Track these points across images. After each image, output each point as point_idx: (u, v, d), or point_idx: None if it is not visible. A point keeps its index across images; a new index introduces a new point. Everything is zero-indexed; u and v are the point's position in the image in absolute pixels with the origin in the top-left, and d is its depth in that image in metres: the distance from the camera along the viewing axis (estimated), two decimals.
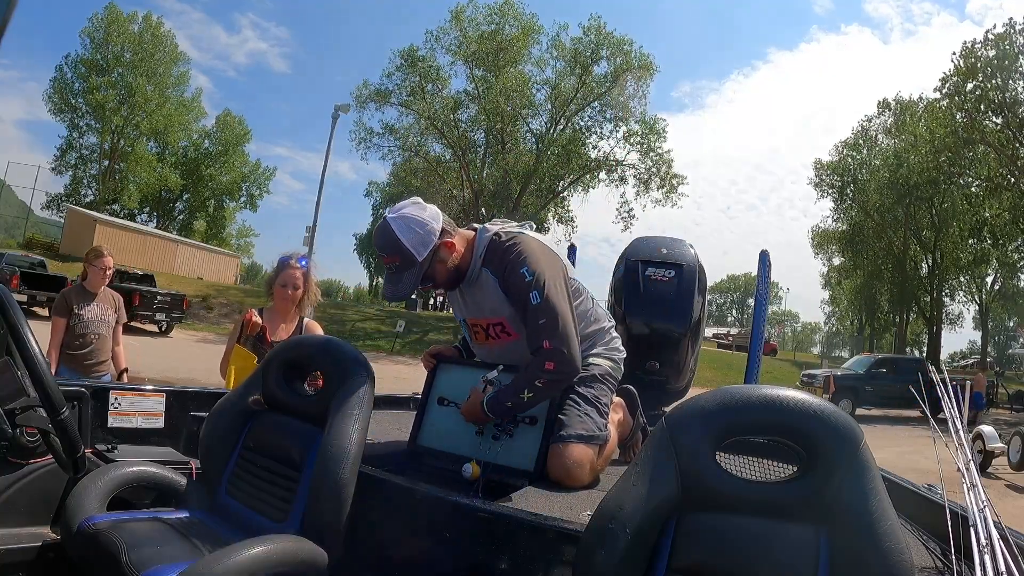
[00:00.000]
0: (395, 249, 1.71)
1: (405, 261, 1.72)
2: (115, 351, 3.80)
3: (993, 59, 23.23)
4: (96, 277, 3.64)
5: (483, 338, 1.92)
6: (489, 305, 1.84)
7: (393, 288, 1.76)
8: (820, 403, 1.04)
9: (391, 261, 1.73)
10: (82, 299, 3.62)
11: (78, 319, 3.57)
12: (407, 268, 1.73)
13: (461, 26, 26.86)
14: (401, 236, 1.70)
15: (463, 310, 1.95)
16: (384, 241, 1.72)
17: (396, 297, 1.79)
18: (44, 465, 1.58)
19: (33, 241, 27.83)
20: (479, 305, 1.87)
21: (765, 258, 2.69)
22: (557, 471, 1.69)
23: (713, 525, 1.02)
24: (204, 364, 10.15)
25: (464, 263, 1.82)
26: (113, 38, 32.63)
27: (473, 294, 1.87)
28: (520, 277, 1.72)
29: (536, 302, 1.70)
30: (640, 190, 27.92)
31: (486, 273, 1.81)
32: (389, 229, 1.71)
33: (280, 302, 2.72)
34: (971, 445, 1.66)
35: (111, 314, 3.74)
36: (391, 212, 1.75)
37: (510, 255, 1.76)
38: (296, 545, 1.30)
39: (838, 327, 50.40)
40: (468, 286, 1.86)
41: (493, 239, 1.82)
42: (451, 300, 2.00)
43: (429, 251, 1.73)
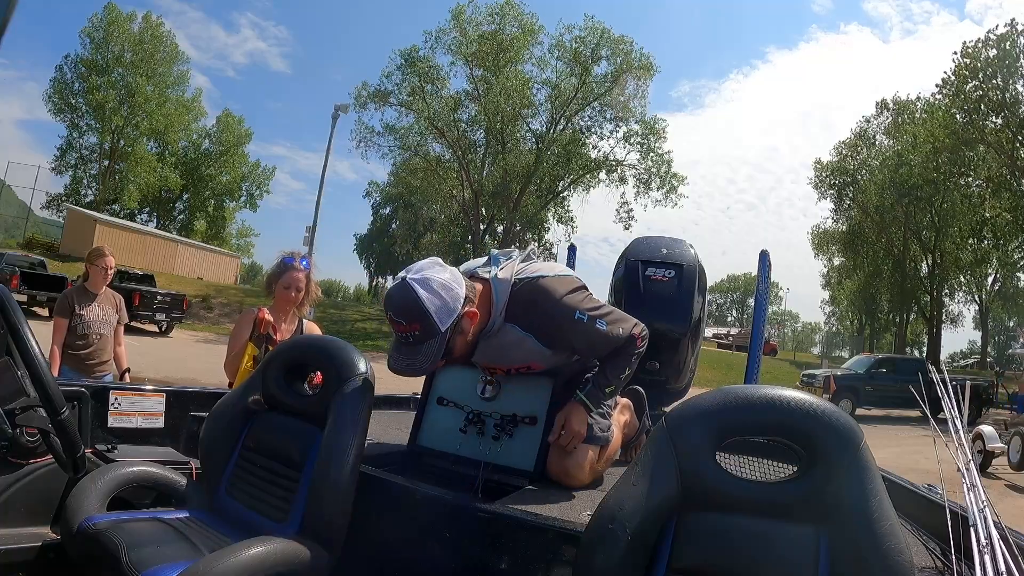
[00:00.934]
0: (418, 316, 1.49)
1: (426, 331, 1.51)
2: (117, 351, 3.81)
3: (993, 59, 23.23)
4: (98, 277, 3.65)
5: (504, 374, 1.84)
6: (515, 355, 1.73)
7: (408, 361, 1.54)
8: (820, 403, 1.04)
9: (409, 330, 1.51)
10: (84, 299, 3.62)
11: (80, 319, 3.57)
12: (427, 339, 1.52)
13: (461, 26, 26.86)
14: (426, 302, 1.50)
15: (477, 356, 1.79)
16: (405, 306, 1.50)
17: (410, 372, 1.57)
18: (44, 465, 1.58)
19: (33, 241, 27.83)
20: (501, 355, 1.75)
21: (765, 258, 2.69)
22: (556, 471, 1.68)
23: (713, 525, 1.02)
24: (204, 364, 10.17)
25: (482, 325, 1.64)
26: (113, 38, 32.62)
27: (492, 347, 1.71)
28: (573, 322, 1.63)
29: (603, 328, 1.65)
30: (640, 190, 27.95)
31: (511, 328, 1.67)
32: (412, 293, 1.49)
33: (282, 303, 2.72)
34: (971, 445, 1.66)
35: (113, 314, 3.75)
36: (412, 273, 1.53)
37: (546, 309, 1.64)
38: (296, 545, 1.30)
39: (838, 327, 50.37)
40: (485, 341, 1.69)
41: (514, 290, 1.65)
42: None
43: (452, 321, 1.53)
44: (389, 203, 46.91)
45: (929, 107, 27.06)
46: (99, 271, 3.64)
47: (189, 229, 38.57)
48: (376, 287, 58.20)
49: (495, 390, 1.81)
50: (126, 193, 34.26)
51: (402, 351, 1.54)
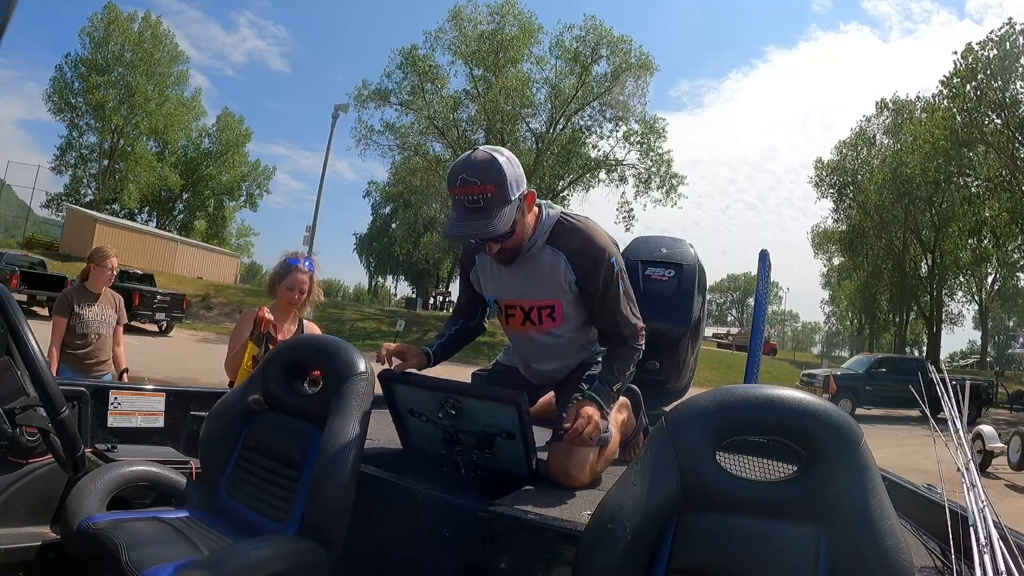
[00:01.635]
0: (494, 176, 1.50)
1: (499, 195, 1.51)
2: (116, 351, 3.80)
3: (993, 60, 23.23)
4: (101, 277, 3.64)
5: (519, 323, 1.81)
6: (544, 286, 1.73)
7: (477, 225, 1.52)
8: (820, 403, 1.04)
9: (482, 191, 1.50)
10: (84, 299, 3.61)
11: (79, 319, 3.57)
12: (498, 205, 1.51)
13: (460, 26, 26.87)
14: (503, 164, 1.51)
15: (502, 289, 1.81)
16: (482, 166, 1.51)
17: (480, 235, 1.54)
18: (44, 464, 1.58)
19: (33, 241, 27.84)
20: (531, 284, 1.74)
21: (765, 258, 2.69)
22: (556, 470, 1.68)
23: (713, 525, 1.02)
24: (204, 364, 10.16)
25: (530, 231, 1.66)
26: (113, 37, 32.62)
27: (524, 272, 1.73)
28: (609, 266, 1.67)
29: (623, 288, 1.70)
30: (640, 190, 27.96)
31: (550, 251, 1.69)
32: (489, 156, 1.52)
33: (284, 304, 2.71)
34: (971, 445, 1.66)
35: (112, 314, 3.74)
36: (484, 146, 1.58)
37: (589, 239, 1.68)
38: (296, 545, 1.31)
39: (838, 327, 50.42)
40: (519, 263, 1.71)
41: (561, 218, 1.70)
42: (484, 277, 1.84)
43: (520, 194, 1.56)
44: (389, 203, 46.95)
45: (929, 107, 27.06)
46: (104, 271, 3.63)
47: (189, 229, 38.57)
48: (376, 286, 58.25)
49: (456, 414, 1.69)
50: (126, 193, 34.26)
51: (470, 218, 1.53)
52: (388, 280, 57.45)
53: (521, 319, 1.81)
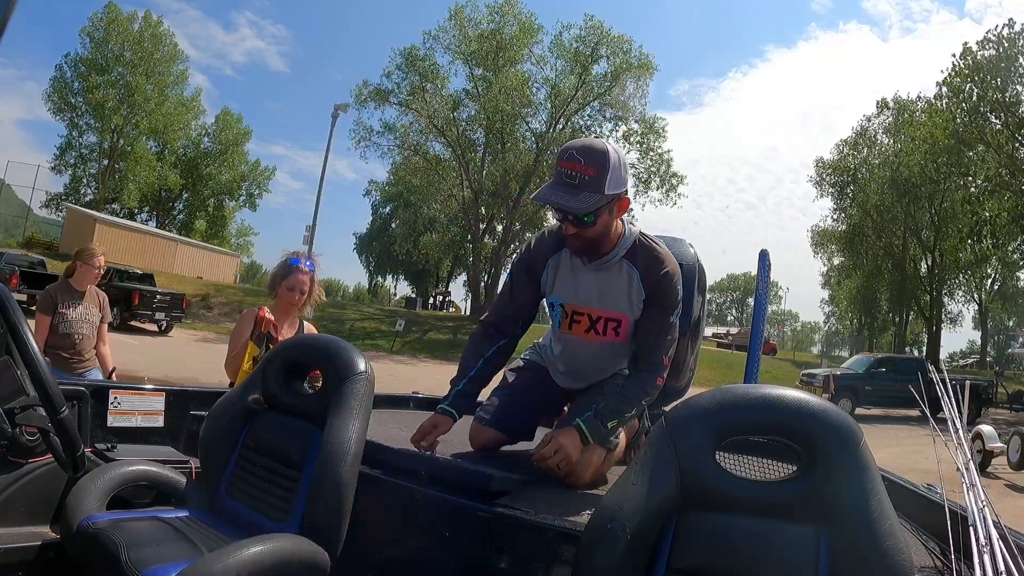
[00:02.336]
0: (598, 162, 1.54)
1: (595, 181, 1.54)
2: (101, 350, 3.72)
3: (993, 59, 23.23)
4: (87, 276, 3.57)
5: (583, 330, 1.79)
6: (615, 299, 1.74)
7: (564, 197, 1.56)
8: (820, 403, 1.04)
9: (583, 171, 1.54)
10: (68, 298, 3.54)
11: (62, 318, 3.50)
12: (592, 189, 1.55)
13: (461, 25, 26.86)
14: (612, 156, 1.56)
15: (572, 293, 1.78)
16: (592, 151, 1.56)
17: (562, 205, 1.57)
18: (43, 464, 1.58)
19: (33, 240, 27.85)
20: (602, 294, 1.74)
21: (765, 257, 2.68)
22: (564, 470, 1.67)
23: (713, 525, 1.02)
24: (204, 363, 10.17)
25: (612, 241, 1.69)
26: (113, 37, 32.61)
27: (598, 280, 1.74)
28: (674, 291, 1.69)
29: (673, 320, 1.70)
30: (640, 189, 27.96)
31: (627, 265, 1.70)
32: (603, 146, 1.58)
33: (284, 304, 2.71)
34: (970, 445, 1.66)
35: (96, 313, 3.67)
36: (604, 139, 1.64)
37: (665, 262, 1.69)
38: (296, 545, 1.30)
39: (838, 327, 50.40)
40: (595, 269, 1.72)
41: (640, 237, 1.72)
42: (557, 279, 1.80)
43: (615, 194, 1.59)
44: (389, 202, 46.95)
45: (929, 107, 27.06)
46: (90, 270, 3.56)
47: (189, 228, 38.57)
48: (376, 286, 58.24)
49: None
50: (126, 192, 34.26)
51: (560, 188, 1.57)
52: (388, 280, 57.50)
53: (586, 327, 1.79)
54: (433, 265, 41.78)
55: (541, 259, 1.81)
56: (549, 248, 1.80)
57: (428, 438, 1.72)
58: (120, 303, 15.96)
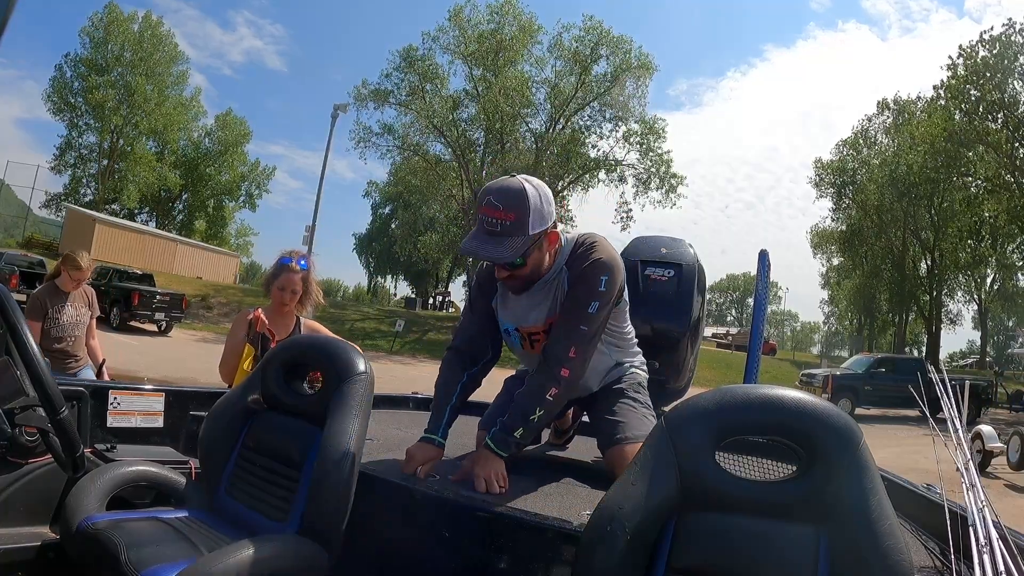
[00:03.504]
0: (516, 206, 1.52)
1: (518, 224, 1.53)
2: (90, 344, 3.73)
3: (992, 59, 23.25)
4: (69, 283, 3.57)
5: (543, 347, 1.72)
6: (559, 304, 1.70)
7: (489, 248, 1.54)
8: (819, 403, 1.04)
9: (503, 217, 1.52)
10: (56, 300, 3.54)
11: (53, 323, 3.50)
12: (515, 233, 1.53)
13: (460, 25, 26.87)
14: (530, 196, 1.54)
15: (521, 316, 1.75)
16: (508, 195, 1.53)
17: (488, 257, 1.57)
18: (43, 464, 1.58)
19: (32, 240, 27.85)
20: (549, 309, 1.71)
21: (764, 257, 2.68)
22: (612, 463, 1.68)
23: (713, 525, 1.02)
24: (203, 364, 10.16)
25: (547, 268, 1.67)
26: (113, 37, 32.63)
27: (541, 296, 1.71)
28: (596, 282, 1.62)
29: (592, 311, 1.60)
30: (639, 190, 27.98)
31: (564, 273, 1.68)
32: (520, 186, 1.55)
33: (277, 305, 2.69)
34: (970, 445, 1.66)
35: (86, 312, 3.67)
36: (524, 176, 1.59)
37: (590, 256, 1.64)
38: (296, 545, 1.31)
39: (837, 327, 50.43)
40: (540, 288, 1.69)
41: (577, 240, 1.70)
42: (503, 304, 1.79)
43: (540, 231, 1.57)
44: (388, 202, 46.98)
45: (928, 107, 27.09)
46: (71, 282, 3.56)
47: (188, 229, 38.57)
48: (375, 286, 58.24)
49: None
50: (125, 192, 34.27)
51: (484, 238, 1.56)
52: (388, 280, 57.53)
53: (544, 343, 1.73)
54: (433, 265, 41.77)
55: (490, 282, 1.80)
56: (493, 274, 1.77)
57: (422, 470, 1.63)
58: (120, 303, 15.98)
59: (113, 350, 3.87)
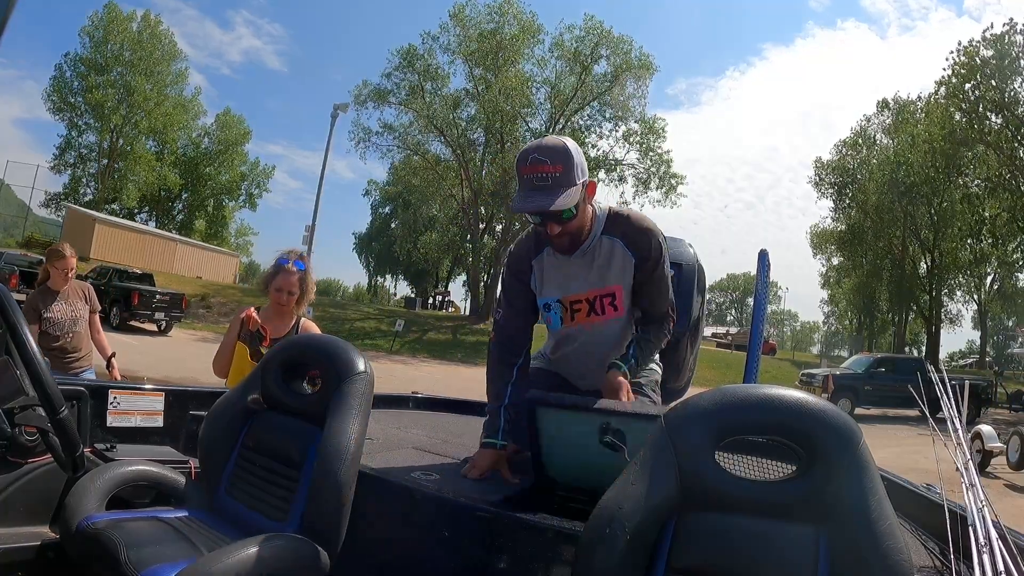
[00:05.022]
0: (563, 158, 1.59)
1: (565, 176, 1.59)
2: (96, 339, 3.73)
3: (992, 59, 23.25)
4: (58, 278, 3.56)
5: (584, 315, 1.82)
6: (607, 274, 1.78)
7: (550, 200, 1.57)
8: (819, 402, 1.04)
9: (551, 170, 1.58)
10: (48, 300, 3.53)
11: (49, 322, 3.49)
12: (565, 184, 1.59)
13: (462, 24, 26.86)
14: (572, 149, 1.61)
15: (565, 285, 1.81)
16: (553, 149, 1.60)
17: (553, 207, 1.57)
18: (43, 464, 1.58)
19: (32, 240, 27.81)
20: (593, 274, 1.78)
21: (764, 257, 2.68)
22: None
23: (712, 525, 1.02)
24: (203, 363, 10.10)
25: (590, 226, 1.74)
26: (112, 37, 32.64)
27: (585, 263, 1.78)
28: (659, 244, 1.75)
29: (667, 271, 1.79)
30: (639, 190, 27.99)
31: (608, 240, 1.76)
32: (559, 140, 1.62)
33: (275, 305, 2.70)
34: (970, 445, 1.66)
35: (82, 306, 3.65)
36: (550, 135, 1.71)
37: (640, 222, 1.76)
38: (295, 544, 1.30)
39: (837, 326, 50.44)
40: (580, 256, 1.76)
41: (612, 209, 1.78)
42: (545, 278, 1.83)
43: (583, 180, 1.63)
44: (388, 202, 46.99)
45: (927, 105, 27.09)
46: (58, 272, 3.54)
47: (188, 228, 38.58)
48: (375, 286, 58.25)
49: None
50: (125, 192, 34.29)
51: (535, 194, 1.60)
52: (387, 280, 57.54)
53: (587, 311, 1.82)
54: (433, 265, 41.80)
55: (525, 264, 1.85)
56: (528, 252, 1.85)
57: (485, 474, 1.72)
58: (119, 303, 15.98)
59: (113, 350, 3.86)
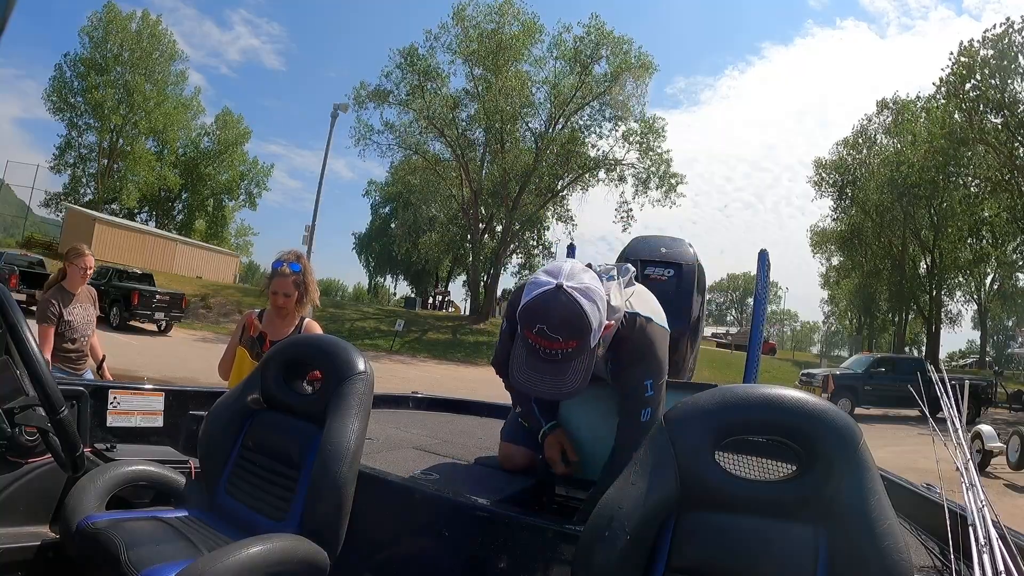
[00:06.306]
0: (580, 333, 1.31)
1: (581, 347, 1.33)
2: (92, 342, 3.75)
3: (991, 58, 23.25)
4: (76, 277, 3.58)
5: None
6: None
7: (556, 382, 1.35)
8: (819, 402, 1.04)
9: (563, 347, 1.31)
10: (66, 302, 3.54)
11: (68, 325, 3.51)
12: (578, 356, 1.34)
13: (463, 24, 26.86)
14: (591, 316, 1.31)
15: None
16: (568, 321, 1.30)
17: (559, 395, 1.38)
18: (43, 464, 1.58)
19: (32, 240, 27.82)
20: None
21: (764, 257, 2.68)
22: None
23: (712, 524, 1.02)
24: (203, 363, 10.15)
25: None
26: (112, 36, 32.65)
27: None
28: (641, 389, 1.53)
29: (644, 419, 1.53)
30: (639, 190, 27.98)
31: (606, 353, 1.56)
32: (577, 307, 1.30)
33: (275, 307, 2.71)
34: (970, 444, 1.66)
35: (93, 312, 3.71)
36: (568, 280, 1.31)
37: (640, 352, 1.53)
38: (295, 544, 1.30)
39: (837, 326, 50.44)
40: None
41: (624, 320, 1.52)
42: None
43: (600, 337, 1.39)
44: (388, 202, 46.97)
45: (927, 104, 27.11)
46: (78, 270, 3.56)
47: (188, 228, 38.58)
48: (375, 286, 58.26)
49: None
50: (125, 192, 34.29)
51: (542, 369, 1.35)
52: (387, 280, 57.52)
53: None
54: (433, 265, 41.79)
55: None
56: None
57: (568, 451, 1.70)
58: (119, 303, 15.97)
59: (113, 350, 3.89)
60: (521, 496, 1.66)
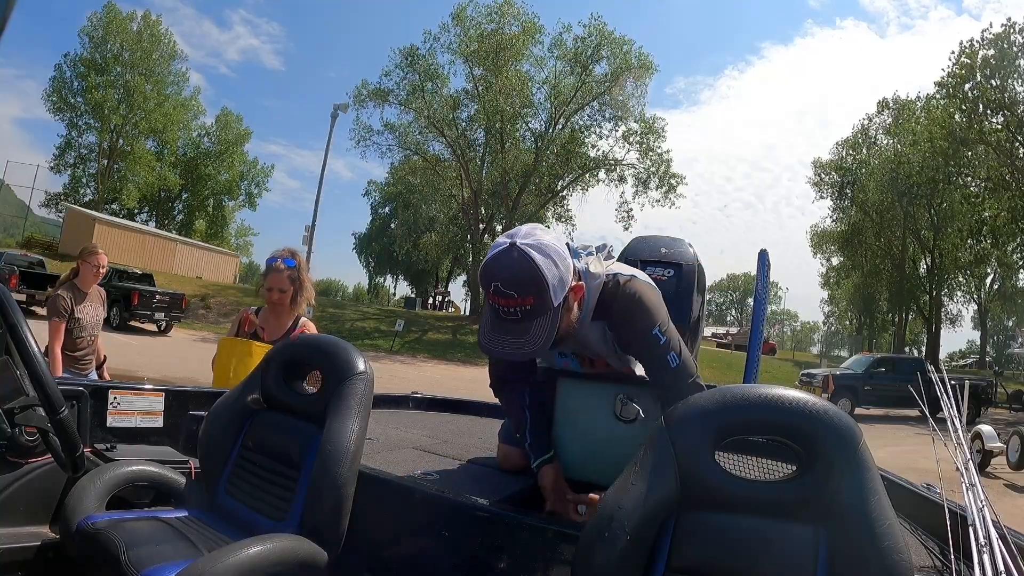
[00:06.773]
0: (534, 288, 1.30)
1: (539, 305, 1.32)
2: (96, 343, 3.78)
3: (992, 58, 23.26)
4: (89, 275, 3.60)
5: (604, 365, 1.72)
6: (592, 350, 1.64)
7: (515, 342, 1.35)
8: (819, 402, 1.04)
9: (520, 303, 1.31)
10: (78, 300, 3.57)
11: (76, 323, 3.53)
12: (538, 315, 1.33)
13: (463, 24, 26.88)
14: (544, 270, 1.31)
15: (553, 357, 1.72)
16: (519, 276, 1.30)
17: (519, 355, 1.38)
18: (43, 464, 1.58)
19: (32, 240, 27.84)
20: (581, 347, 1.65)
21: (764, 257, 2.68)
22: None
23: (712, 524, 1.02)
24: (203, 363, 10.10)
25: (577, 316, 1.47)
26: (112, 36, 32.67)
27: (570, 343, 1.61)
28: (652, 339, 1.49)
29: (675, 364, 1.50)
30: (639, 190, 28.00)
31: (597, 324, 1.54)
32: (528, 261, 1.30)
33: (270, 304, 2.70)
34: (970, 444, 1.66)
35: (102, 312, 3.74)
36: (522, 238, 1.33)
37: (629, 309, 1.49)
38: (295, 544, 1.30)
39: (837, 326, 50.44)
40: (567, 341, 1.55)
41: (606, 286, 1.52)
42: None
43: (564, 294, 1.36)
44: (388, 202, 46.99)
45: (928, 107, 27.12)
46: (91, 268, 3.59)
47: (188, 228, 38.59)
48: (375, 286, 58.27)
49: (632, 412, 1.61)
50: (125, 192, 34.30)
51: (504, 329, 1.36)
52: (387, 280, 57.54)
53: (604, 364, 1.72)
54: (433, 265, 41.81)
55: None
56: None
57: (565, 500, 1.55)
58: (119, 303, 15.98)
59: (113, 350, 3.90)
60: (521, 496, 1.66)
